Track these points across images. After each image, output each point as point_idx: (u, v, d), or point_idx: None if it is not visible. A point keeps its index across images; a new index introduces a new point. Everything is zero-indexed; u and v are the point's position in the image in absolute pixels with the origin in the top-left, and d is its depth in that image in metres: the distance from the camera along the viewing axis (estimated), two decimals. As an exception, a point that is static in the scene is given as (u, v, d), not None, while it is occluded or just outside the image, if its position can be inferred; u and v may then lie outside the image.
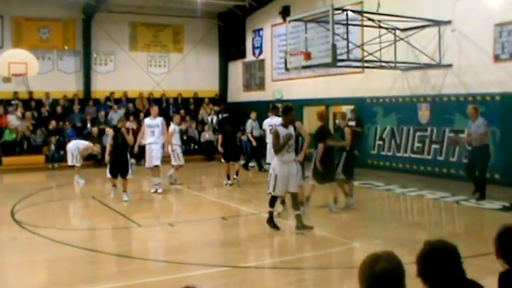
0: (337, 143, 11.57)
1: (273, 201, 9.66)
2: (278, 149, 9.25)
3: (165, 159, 14.99)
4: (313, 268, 7.82)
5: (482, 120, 12.71)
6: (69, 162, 16.28)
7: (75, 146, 16.20)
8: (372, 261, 2.64)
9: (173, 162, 15.13)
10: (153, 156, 13.89)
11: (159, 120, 14.12)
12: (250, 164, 19.04)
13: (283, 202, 10.67)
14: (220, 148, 15.31)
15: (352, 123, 18.57)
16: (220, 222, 11.06)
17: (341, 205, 11.53)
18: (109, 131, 14.44)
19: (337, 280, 7.50)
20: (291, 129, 9.48)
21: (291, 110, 9.61)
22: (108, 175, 13.19)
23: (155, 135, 13.94)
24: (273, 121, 13.81)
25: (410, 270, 2.75)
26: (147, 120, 14.39)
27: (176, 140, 15.09)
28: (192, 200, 13.73)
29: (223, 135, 15.33)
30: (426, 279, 3.00)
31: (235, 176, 15.26)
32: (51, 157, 20.49)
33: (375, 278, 2.59)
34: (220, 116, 23.16)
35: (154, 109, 14.63)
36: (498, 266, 3.48)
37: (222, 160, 15.54)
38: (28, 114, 21.59)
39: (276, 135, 9.31)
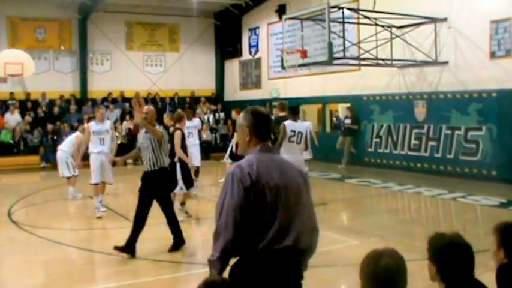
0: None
1: None
2: None
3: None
4: (311, 266, 7.80)
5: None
6: (65, 174, 13.56)
7: (66, 154, 13.50)
8: (375, 257, 2.66)
9: None
10: None
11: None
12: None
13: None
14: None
15: (348, 120, 18.66)
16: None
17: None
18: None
19: (336, 278, 7.50)
20: None
21: None
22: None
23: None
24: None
25: (410, 266, 2.75)
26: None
27: None
28: (190, 199, 13.70)
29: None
30: (438, 266, 2.98)
31: None
32: (44, 157, 20.51)
33: (379, 273, 2.60)
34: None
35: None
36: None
37: None
38: (28, 118, 21.61)
39: None
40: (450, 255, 2.97)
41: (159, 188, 8.26)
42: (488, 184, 13.91)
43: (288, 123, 10.14)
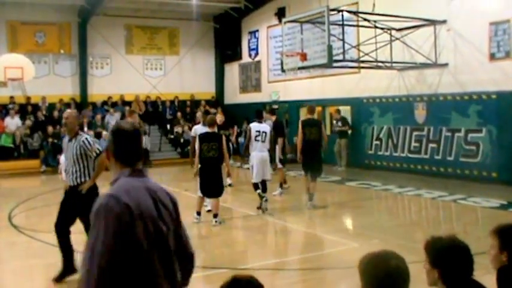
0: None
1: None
2: None
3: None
4: (312, 269, 7.81)
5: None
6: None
7: None
8: (383, 258, 2.63)
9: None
10: None
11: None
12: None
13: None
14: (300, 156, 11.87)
15: (339, 123, 18.85)
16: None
17: None
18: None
19: (336, 281, 7.49)
20: None
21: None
22: None
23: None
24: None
25: (411, 268, 2.75)
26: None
27: None
28: (189, 202, 13.69)
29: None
30: (440, 270, 2.98)
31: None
32: (44, 161, 20.51)
33: (390, 274, 2.57)
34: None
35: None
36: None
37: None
38: (28, 122, 21.62)
39: None
40: (451, 258, 2.97)
41: (83, 204, 6.61)
42: (488, 186, 13.90)
43: (253, 125, 11.55)
